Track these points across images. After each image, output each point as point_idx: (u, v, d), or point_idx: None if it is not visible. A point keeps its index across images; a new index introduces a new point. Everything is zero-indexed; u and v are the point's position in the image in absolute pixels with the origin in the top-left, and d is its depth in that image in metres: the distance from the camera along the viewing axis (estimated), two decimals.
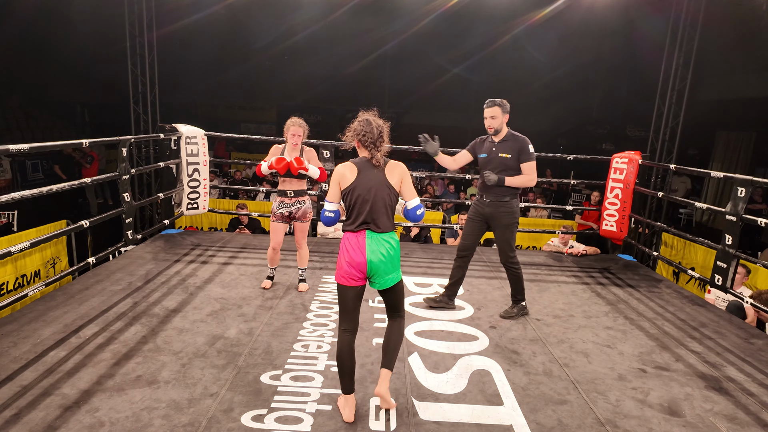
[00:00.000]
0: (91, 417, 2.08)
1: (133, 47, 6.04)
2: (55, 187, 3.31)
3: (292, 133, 3.49)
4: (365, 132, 2.24)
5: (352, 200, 2.22)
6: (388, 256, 2.21)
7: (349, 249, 2.20)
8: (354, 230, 2.21)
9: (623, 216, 4.97)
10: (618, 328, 3.33)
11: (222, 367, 2.52)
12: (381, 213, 2.21)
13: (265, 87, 15.93)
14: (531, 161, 3.27)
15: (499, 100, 3.31)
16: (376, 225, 2.20)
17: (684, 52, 5.90)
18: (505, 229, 3.34)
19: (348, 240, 2.22)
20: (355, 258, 2.19)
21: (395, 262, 2.24)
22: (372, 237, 2.20)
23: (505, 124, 3.34)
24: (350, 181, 2.21)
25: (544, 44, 12.22)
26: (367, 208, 2.20)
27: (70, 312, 3.05)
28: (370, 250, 2.19)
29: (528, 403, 2.38)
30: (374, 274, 2.21)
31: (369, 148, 2.25)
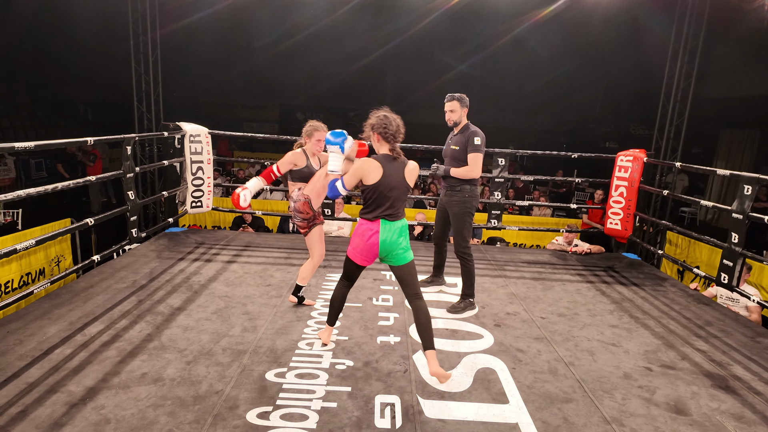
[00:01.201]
0: (96, 414, 2.09)
1: (137, 46, 6.04)
2: (60, 185, 3.32)
3: (318, 138, 3.11)
4: (385, 125, 2.42)
5: (372, 195, 2.45)
6: (398, 239, 2.48)
7: (364, 234, 2.48)
8: (371, 219, 2.47)
9: (628, 214, 4.95)
10: (623, 327, 3.32)
11: (227, 365, 2.52)
12: (397, 207, 2.49)
13: (268, 85, 15.93)
14: (474, 153, 3.34)
15: (458, 94, 3.41)
16: (390, 216, 2.46)
17: (689, 49, 5.87)
18: (456, 218, 3.43)
19: (363, 225, 2.49)
20: (369, 243, 2.47)
21: (406, 243, 2.50)
22: (385, 224, 2.46)
23: (464, 118, 3.43)
24: (374, 180, 2.42)
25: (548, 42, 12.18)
26: (386, 204, 2.45)
27: (75, 310, 3.06)
28: (383, 236, 2.46)
29: (533, 401, 2.38)
30: (387, 255, 2.50)
31: (390, 140, 2.44)
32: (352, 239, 2.54)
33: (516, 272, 4.40)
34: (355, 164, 2.47)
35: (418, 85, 14.99)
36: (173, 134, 4.80)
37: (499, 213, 5.09)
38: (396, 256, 2.49)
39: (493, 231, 6.33)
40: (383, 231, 2.45)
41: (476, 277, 4.11)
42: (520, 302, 3.65)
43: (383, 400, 2.30)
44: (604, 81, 14.43)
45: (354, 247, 2.53)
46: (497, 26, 12.16)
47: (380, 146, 2.48)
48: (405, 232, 2.52)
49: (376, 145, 2.49)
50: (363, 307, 3.39)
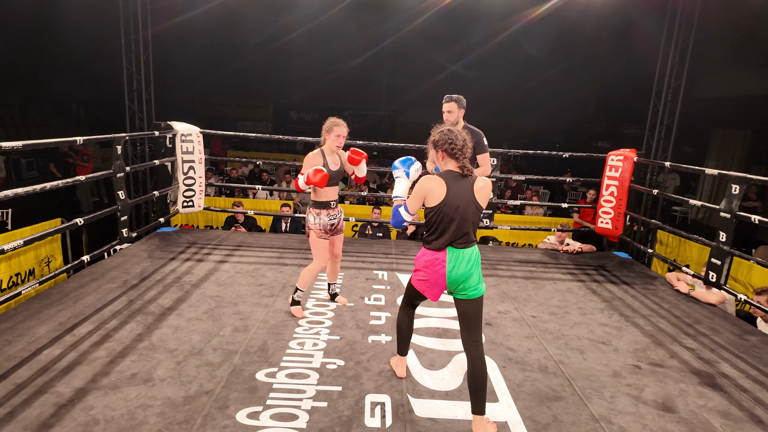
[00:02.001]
0: (85, 415, 2.08)
1: (128, 44, 6.01)
2: (49, 185, 3.30)
3: (337, 134, 3.00)
4: (451, 140, 2.15)
5: (437, 218, 2.15)
6: (469, 269, 2.16)
7: (429, 266, 2.18)
8: (436, 249, 2.17)
9: (618, 213, 4.98)
10: (613, 325, 3.35)
11: (217, 365, 2.52)
12: (467, 231, 2.16)
13: (262, 84, 15.88)
14: (485, 152, 3.40)
15: (455, 95, 3.39)
16: (459, 242, 2.15)
17: (680, 50, 5.91)
18: None
19: (427, 256, 2.19)
20: (436, 274, 2.16)
21: (477, 273, 2.20)
22: (453, 252, 2.15)
23: (461, 118, 3.44)
24: (438, 200, 2.12)
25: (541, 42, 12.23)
26: (453, 228, 2.13)
27: (64, 310, 3.04)
28: (450, 267, 2.15)
29: (523, 399, 2.39)
30: (456, 288, 2.18)
31: (458, 157, 2.15)
32: (416, 269, 2.26)
33: (508, 271, 4.42)
34: (417, 184, 2.20)
35: (413, 84, 15.00)
36: (165, 134, 4.77)
37: (491, 212, 5.11)
38: (466, 289, 2.16)
39: (486, 230, 6.35)
40: (450, 261, 2.14)
41: None
42: (511, 301, 3.67)
43: (373, 399, 2.30)
44: (598, 81, 14.51)
45: (419, 279, 2.24)
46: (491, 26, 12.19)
47: (445, 164, 2.19)
48: (477, 262, 2.20)
49: (441, 163, 2.22)
50: (355, 306, 3.40)
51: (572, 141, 14.74)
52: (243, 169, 11.00)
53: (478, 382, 2.10)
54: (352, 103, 16.48)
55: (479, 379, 2.10)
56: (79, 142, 3.47)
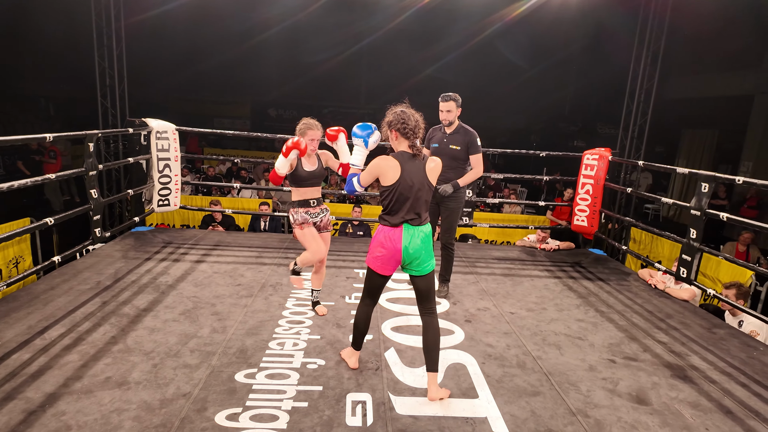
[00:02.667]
0: (57, 421, 2.01)
1: (100, 38, 5.83)
2: (16, 183, 3.18)
3: (311, 138, 2.96)
4: (404, 120, 2.26)
5: (393, 197, 2.26)
6: (423, 245, 2.31)
7: (386, 240, 2.30)
8: (392, 225, 2.29)
9: (594, 211, 5.09)
10: (589, 321, 3.42)
11: (195, 367, 2.47)
12: (420, 209, 2.31)
13: (239, 81, 15.64)
14: (478, 154, 3.49)
15: (453, 94, 3.44)
16: (413, 219, 2.29)
17: (652, 52, 6.07)
18: (452, 214, 3.59)
19: (385, 232, 2.31)
20: (392, 249, 2.29)
21: (429, 250, 2.34)
22: (408, 229, 2.29)
23: (457, 118, 3.49)
24: (393, 180, 2.24)
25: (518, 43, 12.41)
26: (407, 206, 2.27)
27: (34, 313, 2.94)
28: (406, 241, 2.28)
29: (502, 395, 2.42)
30: (410, 262, 2.32)
31: (409, 137, 2.27)
32: (371, 247, 2.36)
33: (486, 269, 4.47)
34: (371, 162, 2.30)
35: (393, 82, 15.01)
36: (139, 131, 4.66)
37: (470, 210, 5.16)
38: (420, 265, 2.31)
39: (465, 228, 6.41)
40: (406, 236, 2.27)
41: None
42: (490, 298, 3.72)
43: (354, 398, 2.30)
44: (573, 81, 14.81)
45: (374, 256, 2.33)
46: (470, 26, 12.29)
47: (398, 144, 2.31)
48: (429, 239, 2.34)
49: (395, 143, 2.33)
50: (336, 305, 3.38)
51: (549, 140, 15.01)
52: (220, 167, 10.82)
53: (432, 345, 2.34)
54: (331, 101, 16.39)
55: (433, 343, 2.34)
56: (49, 139, 3.36)
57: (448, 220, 3.59)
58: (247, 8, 12.28)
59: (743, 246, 6.06)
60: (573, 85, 14.95)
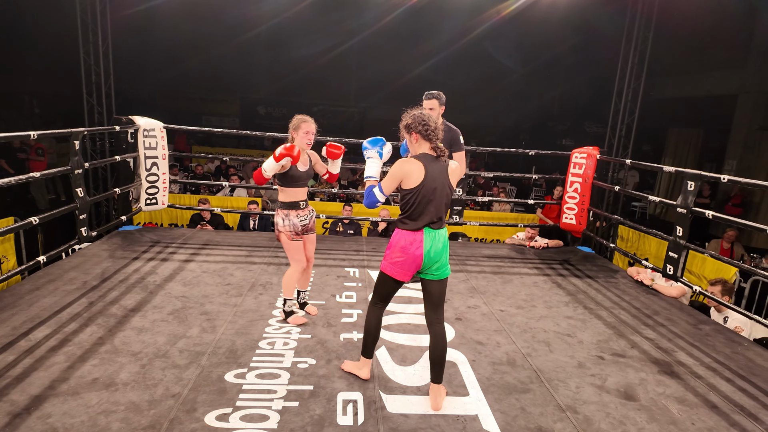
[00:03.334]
0: (42, 423, 1.98)
1: (86, 34, 5.73)
2: (2, 181, 3.12)
3: (305, 130, 2.89)
4: (424, 122, 2.21)
5: (415, 200, 2.20)
6: (443, 249, 2.27)
7: (407, 246, 2.22)
8: (413, 229, 2.23)
9: (582, 209, 5.14)
10: (578, 318, 3.46)
11: (184, 367, 2.45)
12: (442, 212, 2.26)
13: (228, 79, 15.51)
14: (462, 151, 3.53)
15: (436, 92, 3.44)
16: (434, 223, 2.24)
17: (639, 51, 6.14)
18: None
19: (405, 237, 2.23)
20: (413, 255, 2.22)
21: (446, 254, 2.30)
22: (429, 233, 2.23)
23: (440, 116, 3.50)
24: (417, 182, 2.18)
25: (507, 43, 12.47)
26: (431, 209, 2.21)
27: (18, 314, 2.89)
28: (427, 246, 2.23)
29: (493, 392, 2.44)
30: (430, 266, 2.26)
31: (431, 139, 2.22)
32: (389, 252, 2.28)
33: (476, 266, 4.49)
34: (394, 166, 2.23)
35: (383, 80, 14.99)
36: (126, 128, 4.60)
37: (460, 209, 5.18)
38: (439, 269, 2.26)
39: (455, 226, 6.43)
40: (427, 241, 2.21)
41: None
42: (480, 296, 3.74)
43: (345, 397, 2.30)
44: (561, 81, 14.93)
45: (393, 261, 2.26)
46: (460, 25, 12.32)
47: (419, 146, 2.24)
48: (447, 242, 2.31)
49: (415, 146, 2.26)
50: (326, 304, 3.37)
51: (537, 139, 15.11)
52: (209, 165, 10.72)
53: (440, 357, 2.28)
54: (321, 99, 16.31)
55: (441, 354, 2.28)
56: (33, 136, 3.30)
57: None
58: (237, 5, 12.18)
59: (728, 243, 6.17)
60: (561, 85, 15.08)
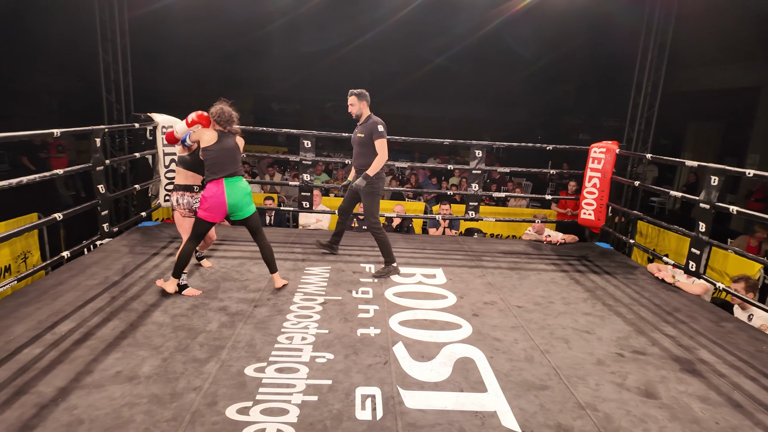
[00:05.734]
0: (69, 415, 2.03)
1: (104, 32, 5.80)
2: (26, 179, 3.19)
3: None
4: (220, 114, 3.19)
5: (213, 158, 3.10)
6: (244, 194, 3.18)
7: (213, 195, 3.10)
8: (211, 179, 3.11)
9: (601, 205, 5.07)
10: (596, 314, 3.42)
11: (204, 361, 2.49)
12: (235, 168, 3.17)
13: (242, 75, 15.61)
14: (380, 139, 3.80)
15: (357, 90, 3.88)
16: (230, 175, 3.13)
17: (659, 43, 6.01)
18: (365, 198, 3.89)
19: (210, 188, 3.11)
20: (218, 201, 3.11)
21: (249, 198, 3.21)
22: (228, 182, 3.11)
23: (365, 109, 3.89)
24: (211, 142, 3.12)
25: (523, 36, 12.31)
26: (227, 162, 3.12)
27: (43, 308, 2.96)
28: (229, 194, 3.12)
29: (511, 389, 2.43)
30: (235, 209, 3.17)
31: (224, 125, 3.20)
32: (201, 203, 3.15)
33: (493, 262, 4.47)
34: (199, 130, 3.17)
35: (396, 76, 14.94)
36: (144, 125, 4.66)
37: (476, 204, 5.15)
38: (244, 210, 3.20)
39: (471, 222, 6.40)
40: (228, 187, 3.12)
41: (453, 267, 4.18)
42: (497, 292, 3.71)
43: (364, 392, 2.31)
44: (578, 74, 14.69)
45: (204, 209, 3.14)
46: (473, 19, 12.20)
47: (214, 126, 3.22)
48: (248, 189, 3.21)
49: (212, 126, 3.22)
50: (342, 300, 3.39)
51: (553, 133, 14.93)
52: None
53: (269, 256, 3.37)
54: (333, 94, 16.34)
55: (269, 254, 3.37)
56: (56, 134, 3.36)
57: (365, 205, 3.90)
58: (250, 2, 12.23)
59: (756, 242, 5.99)
60: (577, 78, 14.84)
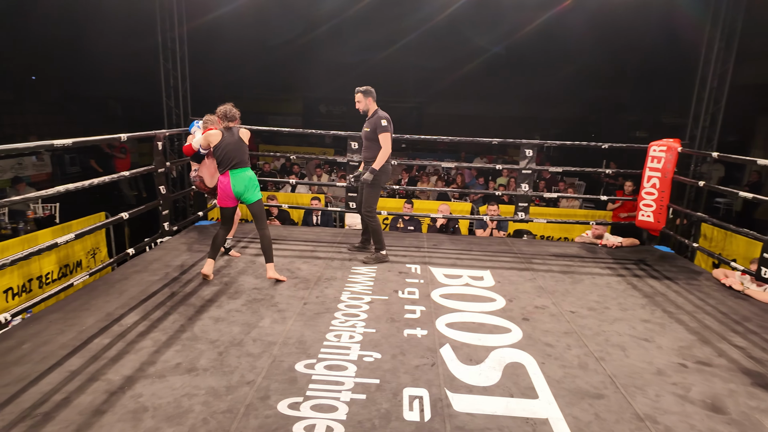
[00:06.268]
0: (134, 402, 2.16)
1: (165, 42, 6.14)
2: (96, 181, 3.43)
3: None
4: (225, 112, 3.59)
5: (220, 154, 3.53)
6: (250, 182, 3.58)
7: (222, 185, 3.58)
8: (222, 172, 3.56)
9: (661, 206, 4.81)
10: (656, 321, 3.24)
11: (257, 356, 2.57)
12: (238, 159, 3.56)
13: (291, 79, 16.02)
14: (384, 132, 3.95)
15: (363, 87, 4.08)
16: (234, 167, 3.53)
17: (726, 34, 5.62)
18: (367, 188, 4.06)
19: (221, 180, 3.58)
20: (226, 190, 3.57)
21: (256, 186, 3.62)
22: (233, 173, 3.54)
23: (371, 105, 4.07)
24: (216, 141, 3.54)
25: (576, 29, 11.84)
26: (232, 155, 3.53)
27: (111, 301, 3.17)
28: (234, 183, 3.54)
29: (563, 396, 2.35)
30: (241, 196, 3.58)
31: (228, 121, 3.60)
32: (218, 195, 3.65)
33: (544, 265, 4.34)
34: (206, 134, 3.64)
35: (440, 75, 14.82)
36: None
37: (526, 205, 5.02)
38: (246, 197, 3.57)
39: (520, 223, 6.25)
40: (233, 178, 3.52)
41: (502, 270, 4.10)
42: (548, 296, 3.61)
43: (411, 393, 2.31)
44: (635, 67, 13.97)
45: (219, 198, 3.64)
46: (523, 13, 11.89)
47: (220, 125, 3.67)
48: (252, 179, 3.59)
49: (219, 125, 3.68)
50: (389, 299, 3.41)
51: (607, 131, 14.30)
52: (275, 162, 11.14)
53: (267, 246, 3.62)
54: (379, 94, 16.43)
55: (267, 244, 3.62)
56: (123, 139, 3.59)
57: (365, 193, 4.08)
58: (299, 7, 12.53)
59: None
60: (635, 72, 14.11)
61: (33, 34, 11.87)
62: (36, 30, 11.72)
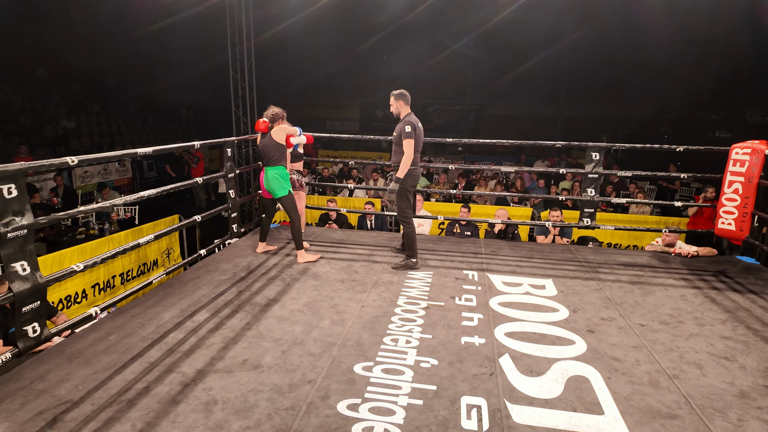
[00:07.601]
0: (206, 395, 2.30)
1: (234, 55, 6.52)
2: (172, 187, 3.70)
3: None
4: (273, 114, 4.10)
5: (259, 152, 4.09)
6: (273, 180, 4.04)
7: (261, 180, 4.14)
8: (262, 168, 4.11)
9: (744, 213, 4.42)
10: (738, 339, 2.99)
11: (318, 356, 2.66)
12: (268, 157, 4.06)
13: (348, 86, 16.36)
14: (407, 139, 3.94)
15: (397, 91, 4.10)
16: (266, 164, 4.07)
17: None
18: (397, 194, 4.08)
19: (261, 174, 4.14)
20: (262, 184, 4.14)
21: (279, 183, 4.05)
22: (266, 171, 4.06)
23: (403, 109, 4.06)
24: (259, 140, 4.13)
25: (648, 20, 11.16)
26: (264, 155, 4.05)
27: (185, 299, 3.39)
28: (265, 179, 4.08)
29: (632, 414, 2.23)
30: (270, 190, 4.08)
31: (276, 121, 4.10)
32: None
33: (611, 275, 4.13)
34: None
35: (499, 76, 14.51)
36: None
37: (592, 211, 4.80)
38: (274, 191, 4.05)
39: (586, 230, 5.98)
40: (265, 174, 4.06)
41: (566, 279, 3.96)
42: (615, 307, 3.43)
43: (469, 402, 2.29)
44: (715, 63, 12.93)
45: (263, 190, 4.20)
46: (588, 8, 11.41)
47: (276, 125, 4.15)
48: (279, 175, 4.02)
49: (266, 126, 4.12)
50: (446, 306, 3.39)
51: (683, 131, 13.34)
52: (334, 167, 11.43)
53: (296, 234, 4.14)
54: (435, 98, 16.39)
55: (297, 232, 4.14)
56: (196, 146, 3.85)
57: (396, 203, 4.12)
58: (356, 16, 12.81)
59: None
60: (714, 67, 13.06)
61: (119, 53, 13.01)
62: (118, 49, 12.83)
